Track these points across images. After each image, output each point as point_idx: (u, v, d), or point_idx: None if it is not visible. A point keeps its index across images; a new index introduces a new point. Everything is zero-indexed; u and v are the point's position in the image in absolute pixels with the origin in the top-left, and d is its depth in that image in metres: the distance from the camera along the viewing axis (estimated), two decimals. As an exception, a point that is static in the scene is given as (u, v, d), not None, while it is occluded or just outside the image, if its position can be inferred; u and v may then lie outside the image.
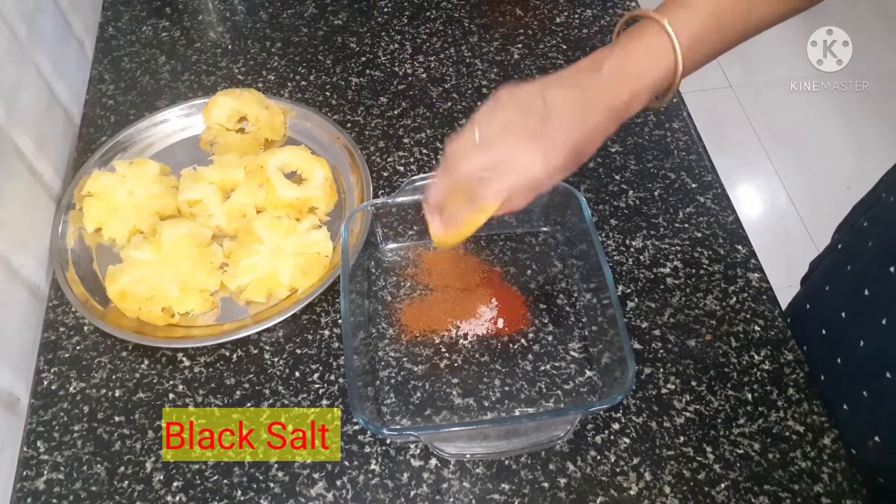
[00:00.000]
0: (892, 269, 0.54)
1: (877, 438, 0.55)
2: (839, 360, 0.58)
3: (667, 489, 0.55)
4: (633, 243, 0.69)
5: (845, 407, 0.57)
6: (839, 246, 0.65)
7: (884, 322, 0.54)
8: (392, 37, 0.89)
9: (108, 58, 0.88)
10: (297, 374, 0.62)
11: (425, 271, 0.68)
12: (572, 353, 0.62)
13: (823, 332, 0.61)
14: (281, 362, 0.62)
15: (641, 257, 0.68)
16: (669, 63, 0.49)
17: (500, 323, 0.64)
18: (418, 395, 0.60)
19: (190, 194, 0.70)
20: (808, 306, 0.65)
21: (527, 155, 0.49)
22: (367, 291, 0.66)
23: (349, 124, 0.80)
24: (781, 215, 1.78)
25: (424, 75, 0.85)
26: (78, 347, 0.64)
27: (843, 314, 0.59)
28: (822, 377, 0.60)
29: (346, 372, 0.58)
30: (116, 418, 0.60)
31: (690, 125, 0.79)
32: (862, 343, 0.56)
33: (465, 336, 0.63)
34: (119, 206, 0.69)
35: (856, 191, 0.72)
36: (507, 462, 0.57)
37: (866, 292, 0.57)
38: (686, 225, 0.71)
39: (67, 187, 0.73)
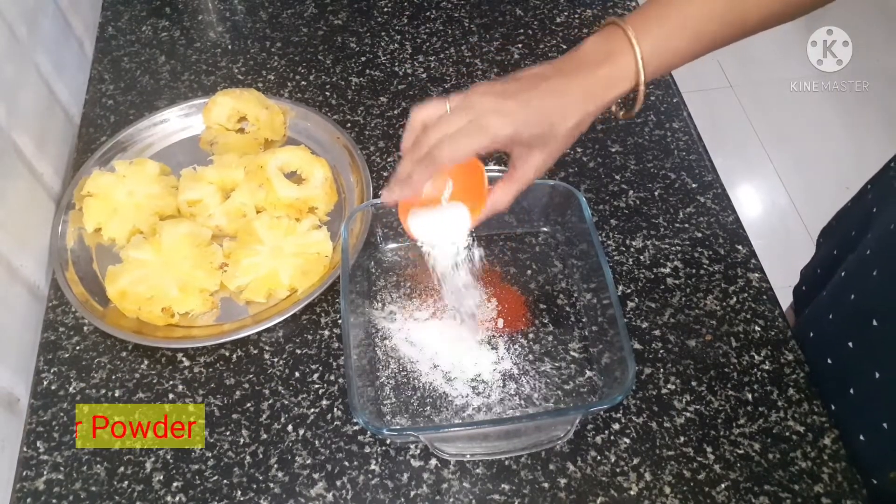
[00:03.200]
0: None
1: None
2: (852, 391, 0.57)
3: (667, 489, 0.55)
4: (634, 243, 0.69)
5: (862, 438, 0.56)
6: (843, 273, 0.62)
7: None
8: (392, 37, 0.89)
9: (108, 58, 0.88)
10: (297, 374, 0.62)
11: (425, 271, 0.68)
12: (572, 353, 0.62)
13: (829, 361, 0.60)
14: (281, 362, 0.62)
15: (642, 257, 0.68)
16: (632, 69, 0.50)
17: (500, 323, 0.64)
18: (418, 395, 0.60)
19: (190, 194, 0.70)
20: (811, 334, 0.63)
21: (493, 108, 0.49)
22: (367, 291, 0.66)
23: (349, 124, 0.80)
24: (781, 215, 1.78)
25: (424, 75, 0.85)
26: (78, 348, 0.64)
27: (850, 344, 0.57)
28: (833, 407, 0.58)
29: (345, 372, 0.58)
30: (116, 418, 0.60)
31: (690, 125, 0.79)
32: (878, 374, 0.54)
33: (465, 336, 0.63)
34: (119, 206, 0.69)
35: (855, 191, 0.72)
36: (507, 462, 0.57)
37: (874, 323, 0.55)
38: (686, 225, 0.71)
39: (67, 187, 0.73)
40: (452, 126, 0.50)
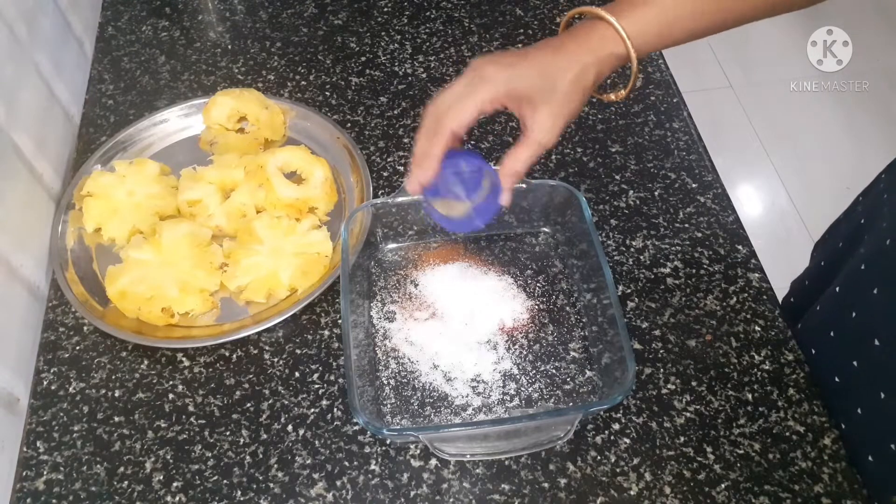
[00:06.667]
0: None
1: None
2: (859, 411, 0.56)
3: (667, 489, 0.55)
4: (634, 243, 0.69)
5: (870, 458, 0.55)
6: (837, 289, 0.62)
7: None
8: (392, 37, 0.89)
9: (108, 58, 0.88)
10: (297, 374, 0.62)
11: (426, 271, 0.68)
12: (572, 353, 0.62)
13: (837, 379, 0.59)
14: (281, 362, 0.62)
15: (641, 257, 0.68)
16: (622, 50, 0.52)
17: (501, 323, 0.64)
18: (418, 395, 0.60)
19: (190, 194, 0.70)
20: (813, 352, 0.63)
21: (490, 61, 0.52)
22: (367, 291, 0.66)
23: (349, 124, 0.80)
24: (781, 215, 1.78)
25: (424, 75, 0.85)
26: (77, 348, 0.64)
27: (855, 363, 0.57)
28: (843, 426, 0.58)
29: (345, 372, 0.58)
30: (116, 418, 0.60)
31: (690, 125, 0.79)
32: (883, 395, 0.53)
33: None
34: (119, 206, 0.69)
35: (855, 191, 0.72)
36: (507, 462, 0.57)
37: (876, 343, 0.54)
38: (686, 225, 0.71)
39: (67, 187, 0.73)
40: (455, 89, 0.52)
